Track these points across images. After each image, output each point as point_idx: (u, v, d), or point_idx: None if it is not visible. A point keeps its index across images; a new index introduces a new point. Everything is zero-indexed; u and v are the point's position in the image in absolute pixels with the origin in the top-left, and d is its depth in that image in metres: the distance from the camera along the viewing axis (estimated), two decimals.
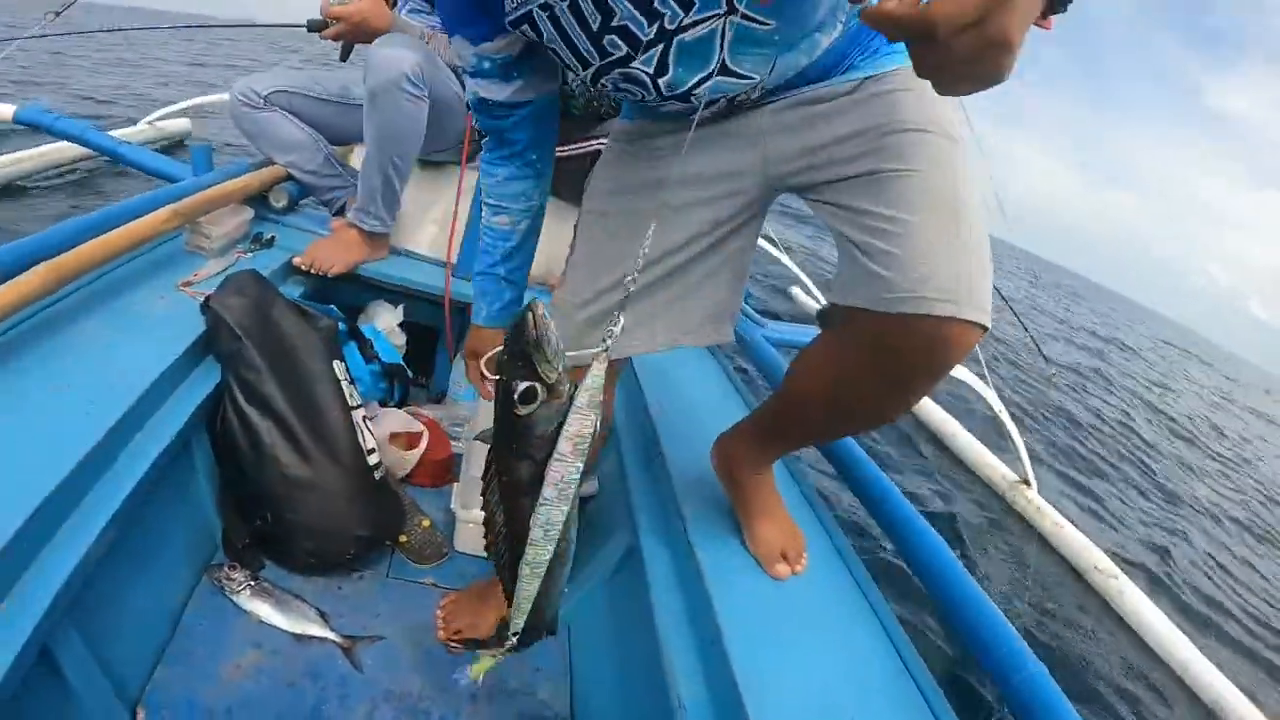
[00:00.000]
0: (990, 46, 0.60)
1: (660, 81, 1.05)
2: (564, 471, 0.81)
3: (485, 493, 0.94)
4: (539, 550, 0.86)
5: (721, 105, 1.12)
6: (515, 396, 0.78)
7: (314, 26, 2.20)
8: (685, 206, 1.19)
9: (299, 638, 1.41)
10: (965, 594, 1.31)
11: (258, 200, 2.24)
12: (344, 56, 2.33)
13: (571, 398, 0.80)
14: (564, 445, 0.78)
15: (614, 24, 0.98)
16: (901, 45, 0.86)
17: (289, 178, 2.33)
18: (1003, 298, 3.76)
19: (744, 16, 0.95)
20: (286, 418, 1.51)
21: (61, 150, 4.11)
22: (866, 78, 1.05)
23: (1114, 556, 3.77)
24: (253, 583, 1.45)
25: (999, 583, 3.50)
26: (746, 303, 2.80)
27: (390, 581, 1.62)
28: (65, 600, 1.02)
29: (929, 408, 4.80)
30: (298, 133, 2.29)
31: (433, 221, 2.39)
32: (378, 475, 1.60)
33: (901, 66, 1.04)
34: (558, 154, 2.34)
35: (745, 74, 1.03)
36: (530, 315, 0.78)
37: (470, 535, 1.74)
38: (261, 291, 1.62)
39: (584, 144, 2.23)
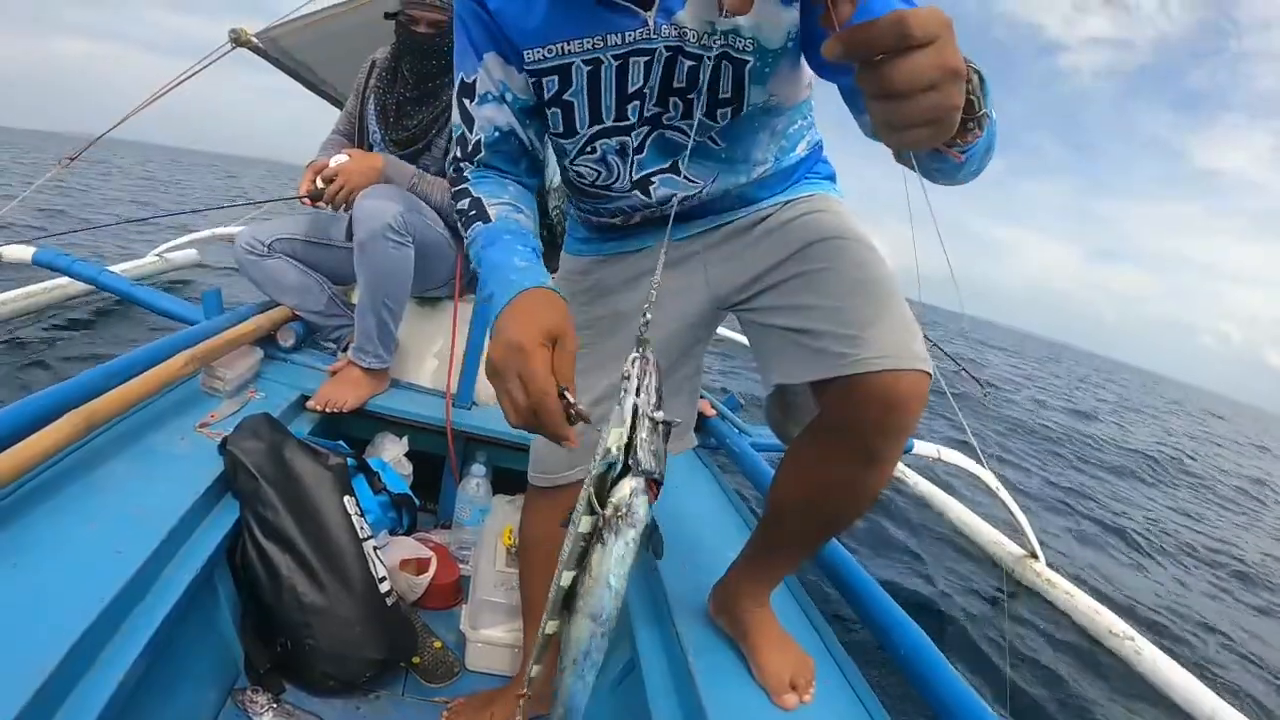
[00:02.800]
0: (945, 70, 0.64)
1: (636, 158, 1.20)
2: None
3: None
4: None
5: (661, 210, 1.27)
6: (646, 483, 0.78)
7: (315, 196, 2.33)
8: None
9: None
10: (946, 682, 1.35)
11: (267, 340, 2.36)
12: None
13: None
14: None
15: (634, 91, 1.13)
16: (814, 174, 1.26)
17: (295, 317, 2.46)
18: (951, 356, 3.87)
19: (710, 138, 1.17)
20: (302, 551, 1.59)
21: (75, 285, 4.21)
22: (786, 201, 1.28)
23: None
24: (275, 705, 1.50)
25: (1016, 659, 3.45)
26: (735, 412, 2.91)
27: (405, 701, 1.67)
28: None
29: (929, 491, 4.79)
30: (302, 277, 2.43)
31: (432, 355, 2.52)
32: (389, 601, 1.67)
33: (814, 193, 1.30)
34: None
35: (692, 178, 1.22)
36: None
37: (480, 654, 1.80)
38: (274, 434, 1.74)
39: None
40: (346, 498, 1.72)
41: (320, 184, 2.32)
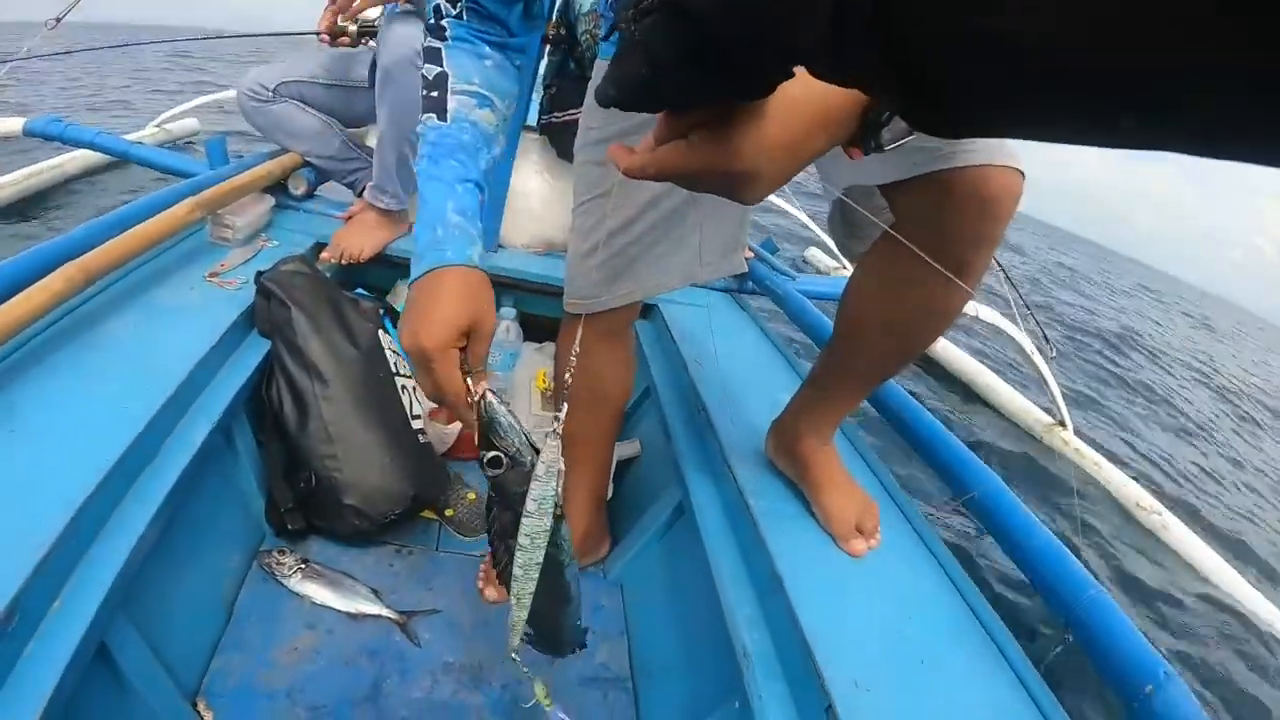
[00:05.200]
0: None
1: None
2: (533, 526, 0.87)
3: (490, 535, 1.00)
4: (527, 554, 0.91)
5: None
6: (484, 463, 0.87)
7: (336, 33, 2.28)
8: None
9: (353, 616, 1.40)
10: (1023, 526, 1.28)
11: (277, 188, 2.23)
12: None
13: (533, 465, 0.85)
14: (529, 504, 0.85)
15: None
16: None
17: (306, 164, 2.32)
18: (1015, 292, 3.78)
19: None
20: (332, 380, 1.53)
21: (73, 161, 4.08)
22: None
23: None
24: (303, 565, 1.44)
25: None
26: (775, 255, 2.75)
27: (440, 555, 1.61)
28: (118, 595, 1.01)
29: (960, 357, 4.71)
30: (311, 120, 2.27)
31: None
32: (421, 440, 1.62)
33: None
34: (565, 118, 2.34)
35: None
36: (482, 407, 0.86)
37: None
38: (310, 269, 1.69)
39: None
40: (382, 334, 1.67)
41: (341, 21, 2.21)
